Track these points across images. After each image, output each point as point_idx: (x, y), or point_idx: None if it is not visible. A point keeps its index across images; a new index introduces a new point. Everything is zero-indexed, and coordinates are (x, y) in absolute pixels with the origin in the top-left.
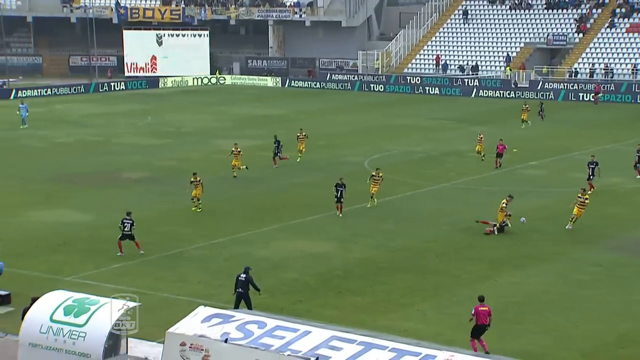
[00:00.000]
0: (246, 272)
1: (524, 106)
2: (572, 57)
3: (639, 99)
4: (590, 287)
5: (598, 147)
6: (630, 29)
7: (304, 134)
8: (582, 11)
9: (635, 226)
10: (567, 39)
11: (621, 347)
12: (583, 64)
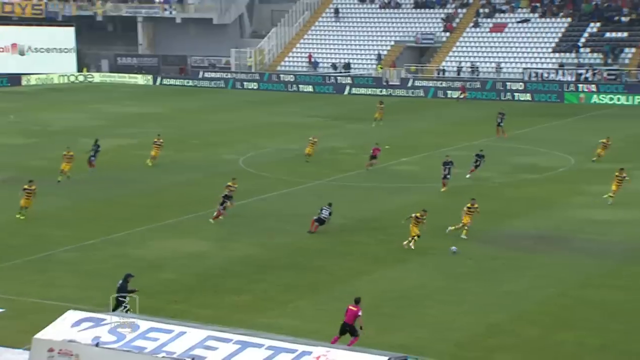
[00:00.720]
0: (124, 279)
1: (378, 105)
2: (440, 55)
3: (502, 96)
4: (463, 280)
5: (467, 142)
6: (493, 29)
7: (161, 140)
8: (448, 11)
9: (504, 220)
10: (434, 37)
11: (490, 337)
12: (450, 62)
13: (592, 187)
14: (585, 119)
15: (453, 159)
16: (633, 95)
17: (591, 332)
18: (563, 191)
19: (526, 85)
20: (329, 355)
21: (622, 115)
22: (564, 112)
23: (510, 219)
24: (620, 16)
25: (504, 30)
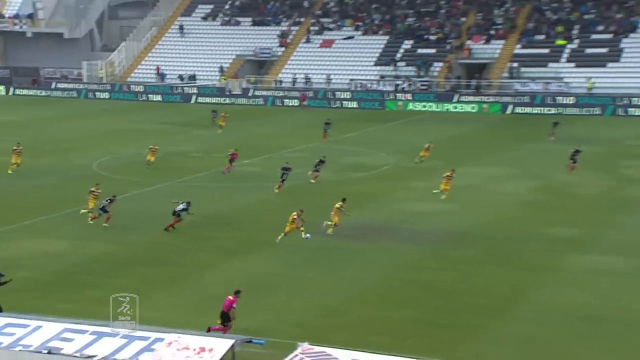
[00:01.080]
0: None
1: (223, 113)
2: (277, 67)
3: (332, 104)
4: (301, 268)
5: (304, 145)
6: (323, 44)
7: (21, 147)
8: (282, 28)
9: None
10: (271, 52)
11: (327, 317)
12: (286, 74)
13: (413, 182)
14: (404, 124)
15: (291, 162)
16: (442, 103)
17: (414, 309)
18: (388, 187)
19: (353, 94)
20: (180, 340)
21: (433, 120)
22: (386, 117)
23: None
24: (429, 35)
25: (332, 46)
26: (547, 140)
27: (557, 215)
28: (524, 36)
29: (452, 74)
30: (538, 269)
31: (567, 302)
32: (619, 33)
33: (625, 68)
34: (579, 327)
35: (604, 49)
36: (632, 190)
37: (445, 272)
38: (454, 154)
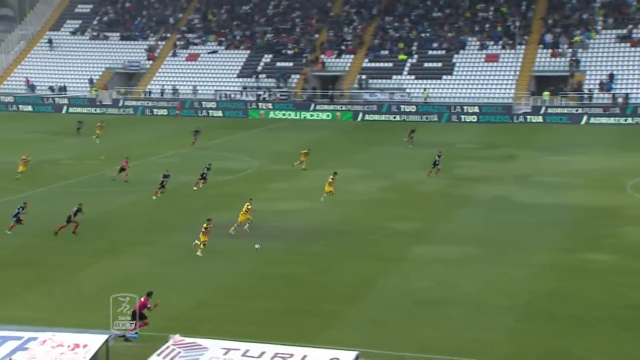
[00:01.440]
0: None
1: (99, 123)
2: (145, 79)
3: (199, 113)
4: (171, 266)
5: (173, 151)
6: (189, 58)
7: None
8: (150, 42)
9: (206, 213)
10: (140, 64)
11: (197, 310)
12: (155, 85)
13: (274, 184)
14: (265, 131)
15: (163, 168)
16: (300, 111)
17: (278, 300)
18: (252, 188)
19: (218, 104)
20: (55, 338)
21: (292, 127)
22: (249, 125)
23: (211, 213)
24: (287, 50)
25: (198, 59)
26: (401, 144)
27: (401, 211)
28: (371, 51)
29: (308, 85)
30: (386, 260)
31: (411, 288)
32: (451, 50)
33: (458, 80)
34: (422, 309)
35: (439, 63)
36: (465, 188)
37: (305, 265)
38: (312, 158)
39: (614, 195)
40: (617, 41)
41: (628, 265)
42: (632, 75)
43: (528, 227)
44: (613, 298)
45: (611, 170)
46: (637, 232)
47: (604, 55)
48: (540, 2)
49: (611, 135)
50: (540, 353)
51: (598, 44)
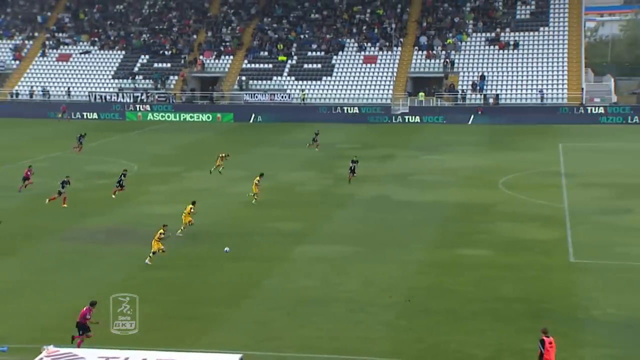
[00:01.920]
0: None
1: None
2: (12, 80)
3: (73, 115)
4: (47, 274)
5: (45, 155)
6: (60, 58)
7: None
8: (16, 42)
9: (82, 219)
10: (5, 65)
11: (73, 319)
12: (23, 87)
13: (153, 187)
14: (144, 133)
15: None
16: (180, 113)
17: (156, 305)
18: (130, 192)
19: (93, 106)
20: None
21: (172, 129)
22: (126, 127)
23: (88, 218)
24: (164, 50)
25: (70, 60)
26: (282, 145)
27: (284, 212)
28: (250, 52)
29: (188, 87)
30: (268, 260)
31: (294, 288)
32: (330, 51)
33: (337, 81)
34: (305, 309)
35: (319, 64)
36: (345, 187)
37: (187, 268)
38: (194, 159)
39: (486, 193)
40: (487, 44)
41: (500, 259)
42: (501, 77)
43: (407, 224)
44: (486, 292)
45: (484, 169)
46: (508, 227)
47: (475, 58)
48: (414, 5)
49: (484, 135)
50: (419, 348)
51: (470, 46)
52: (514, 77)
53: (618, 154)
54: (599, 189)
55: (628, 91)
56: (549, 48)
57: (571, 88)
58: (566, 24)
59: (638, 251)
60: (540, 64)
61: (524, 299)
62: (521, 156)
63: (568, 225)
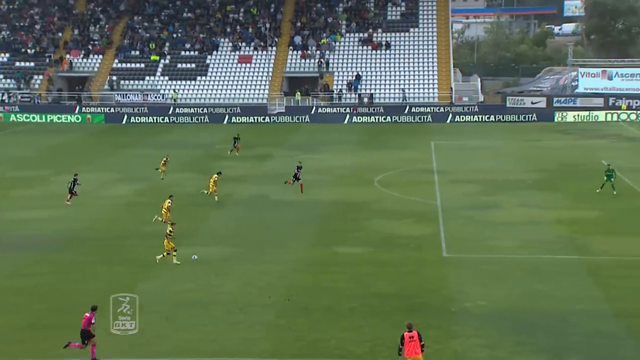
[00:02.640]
0: None
1: None
2: None
3: None
4: None
5: None
6: None
7: None
8: None
9: None
10: None
11: None
12: None
13: (15, 191)
14: (7, 134)
15: None
16: (45, 114)
17: (19, 315)
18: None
19: None
20: None
21: (38, 131)
22: None
23: None
24: (27, 49)
25: None
26: (154, 146)
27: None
28: (121, 51)
29: (54, 87)
30: (144, 264)
31: (171, 291)
32: (204, 50)
33: (213, 81)
34: (183, 312)
35: (193, 64)
36: (223, 187)
37: (54, 275)
38: (61, 162)
39: (362, 191)
40: (360, 44)
41: (376, 256)
42: (375, 76)
43: (285, 224)
44: (363, 288)
45: (360, 167)
46: (384, 224)
47: (349, 57)
48: (288, 5)
49: (359, 134)
50: (299, 346)
51: (344, 46)
52: (387, 76)
53: (486, 151)
54: (469, 185)
55: (493, 90)
56: (419, 48)
57: (441, 87)
58: (435, 25)
59: (506, 244)
60: (411, 64)
61: (399, 294)
62: (395, 154)
63: (441, 221)
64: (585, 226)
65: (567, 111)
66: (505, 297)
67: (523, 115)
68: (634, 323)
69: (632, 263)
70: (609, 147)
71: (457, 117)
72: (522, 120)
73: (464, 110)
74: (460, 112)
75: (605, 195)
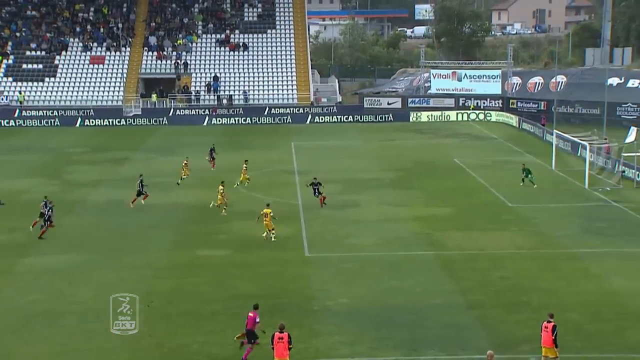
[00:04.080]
0: None
1: None
2: None
3: None
4: None
5: None
6: None
7: None
8: None
9: None
10: None
11: None
12: None
13: None
14: None
15: None
16: None
17: None
18: None
19: None
20: None
21: None
22: None
23: None
24: None
25: None
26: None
27: (5, 222)
28: None
29: None
30: None
31: (20, 303)
32: (52, 50)
33: (62, 83)
34: (34, 324)
35: (40, 65)
36: (76, 193)
37: None
38: None
39: None
40: (217, 45)
41: (237, 258)
42: (234, 77)
43: (143, 229)
44: (225, 291)
45: (220, 169)
46: (244, 226)
47: (207, 58)
48: (141, 5)
49: (219, 135)
50: (160, 354)
51: (201, 47)
52: (246, 78)
53: (345, 151)
54: (330, 185)
55: (351, 91)
56: (277, 50)
57: (300, 89)
58: (292, 26)
59: (365, 242)
60: (270, 65)
61: (262, 295)
62: (256, 155)
63: (302, 221)
64: (439, 222)
65: (421, 111)
66: (365, 294)
67: (380, 116)
68: (484, 314)
69: (482, 256)
70: (460, 146)
71: (317, 117)
72: (379, 120)
73: (323, 111)
74: (319, 113)
75: (458, 192)
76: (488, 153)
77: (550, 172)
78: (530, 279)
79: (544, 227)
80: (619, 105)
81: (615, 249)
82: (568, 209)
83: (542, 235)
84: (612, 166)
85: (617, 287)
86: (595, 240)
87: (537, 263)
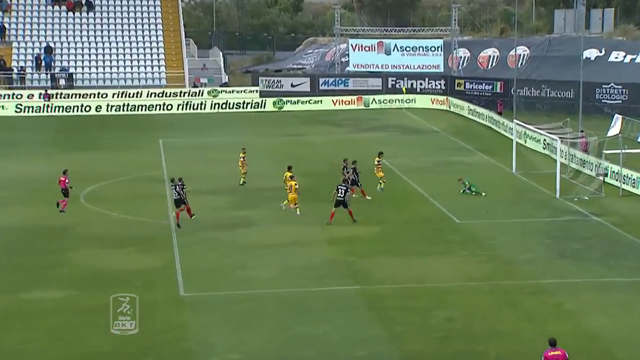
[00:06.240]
0: None
1: None
2: None
3: None
4: None
5: None
6: None
7: None
8: None
9: None
10: None
11: None
12: None
13: None
14: None
15: None
16: None
17: None
18: None
19: None
20: None
21: None
22: None
23: None
24: None
25: None
26: None
27: None
28: None
29: None
30: None
31: None
32: None
33: None
34: None
35: None
36: None
37: None
38: None
39: (66, 210)
40: (50, 3)
41: (85, 301)
42: (74, 49)
43: None
44: (67, 348)
45: (54, 177)
46: (95, 256)
47: (35, 22)
48: None
49: (48, 129)
50: None
51: (25, 5)
52: (92, 49)
53: (235, 151)
54: (215, 197)
55: (241, 69)
56: (136, 10)
57: (170, 65)
58: None
59: (263, 274)
60: (125, 32)
61: (120, 352)
62: (109, 157)
63: (176, 248)
64: (363, 246)
65: (336, 95)
66: (263, 346)
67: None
68: None
69: (420, 291)
70: (389, 142)
71: (194, 105)
72: (280, 109)
73: (203, 96)
74: (198, 99)
75: (388, 205)
76: (427, 151)
77: (510, 176)
78: (484, 321)
79: (502, 250)
80: (599, 86)
81: (594, 279)
82: (533, 225)
83: (499, 260)
84: (590, 168)
85: (598, 328)
86: (568, 267)
87: (493, 298)
